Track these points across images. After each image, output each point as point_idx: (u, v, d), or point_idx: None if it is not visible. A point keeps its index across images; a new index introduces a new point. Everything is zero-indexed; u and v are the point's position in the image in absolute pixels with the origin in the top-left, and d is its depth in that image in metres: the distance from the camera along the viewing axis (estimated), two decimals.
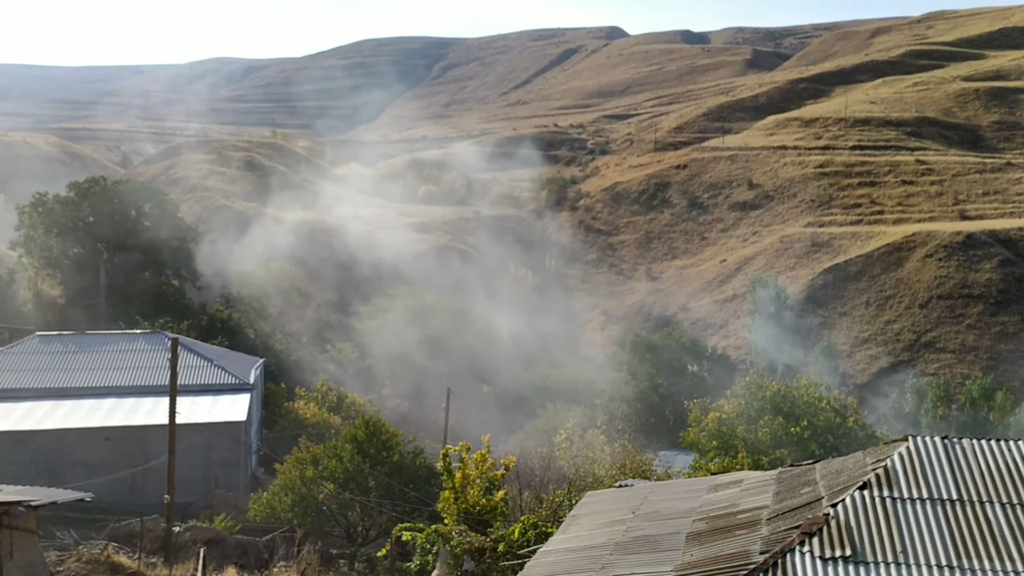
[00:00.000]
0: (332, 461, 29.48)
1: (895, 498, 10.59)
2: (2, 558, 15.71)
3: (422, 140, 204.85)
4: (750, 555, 9.88)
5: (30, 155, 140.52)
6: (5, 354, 40.60)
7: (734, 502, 12.46)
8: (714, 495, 13.33)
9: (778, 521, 10.86)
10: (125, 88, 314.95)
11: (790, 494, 11.92)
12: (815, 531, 9.87)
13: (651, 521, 12.43)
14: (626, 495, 15.21)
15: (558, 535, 13.44)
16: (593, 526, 13.09)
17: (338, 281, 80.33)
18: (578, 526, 13.45)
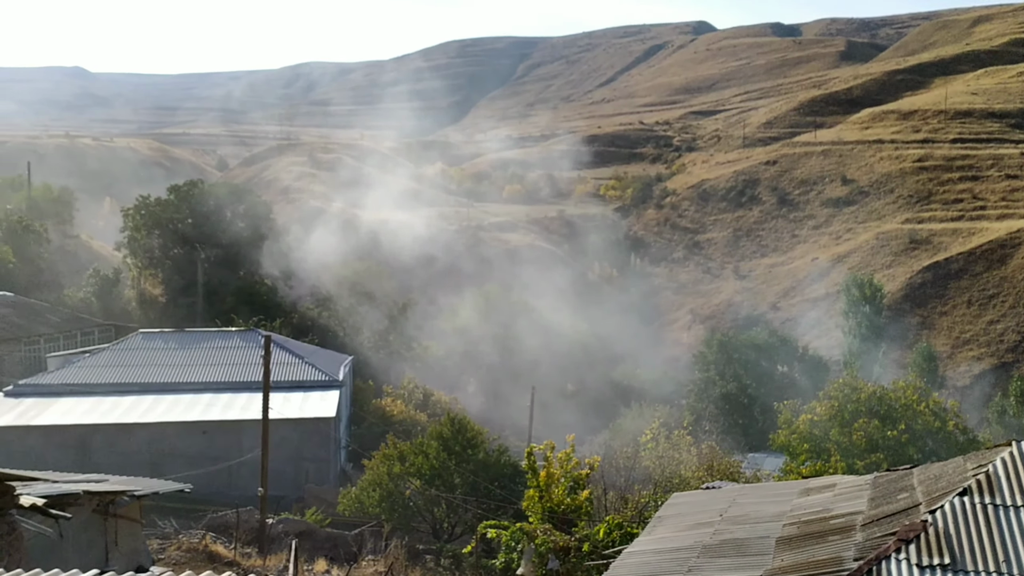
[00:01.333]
0: (418, 458, 29.88)
1: (997, 505, 10.12)
2: (108, 545, 16.38)
3: (506, 139, 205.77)
4: (843, 561, 9.59)
5: (133, 160, 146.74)
6: (111, 350, 42.49)
7: (827, 507, 12.12)
8: (806, 499, 12.99)
9: (873, 527, 10.51)
10: (221, 94, 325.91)
11: (886, 500, 11.52)
12: (912, 538, 9.52)
13: (740, 524, 12.19)
14: (713, 497, 14.95)
15: (644, 536, 13.30)
16: (679, 528, 12.91)
17: (423, 280, 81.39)
18: (664, 527, 13.28)
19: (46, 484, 12.60)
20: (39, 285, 61.44)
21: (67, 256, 69.94)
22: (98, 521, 15.96)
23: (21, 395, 36.66)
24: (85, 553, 14.94)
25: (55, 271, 65.49)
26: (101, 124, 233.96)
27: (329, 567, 24.25)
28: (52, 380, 38.51)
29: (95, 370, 39.39)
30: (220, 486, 32.36)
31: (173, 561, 22.12)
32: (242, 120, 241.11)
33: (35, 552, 11.38)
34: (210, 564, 21.93)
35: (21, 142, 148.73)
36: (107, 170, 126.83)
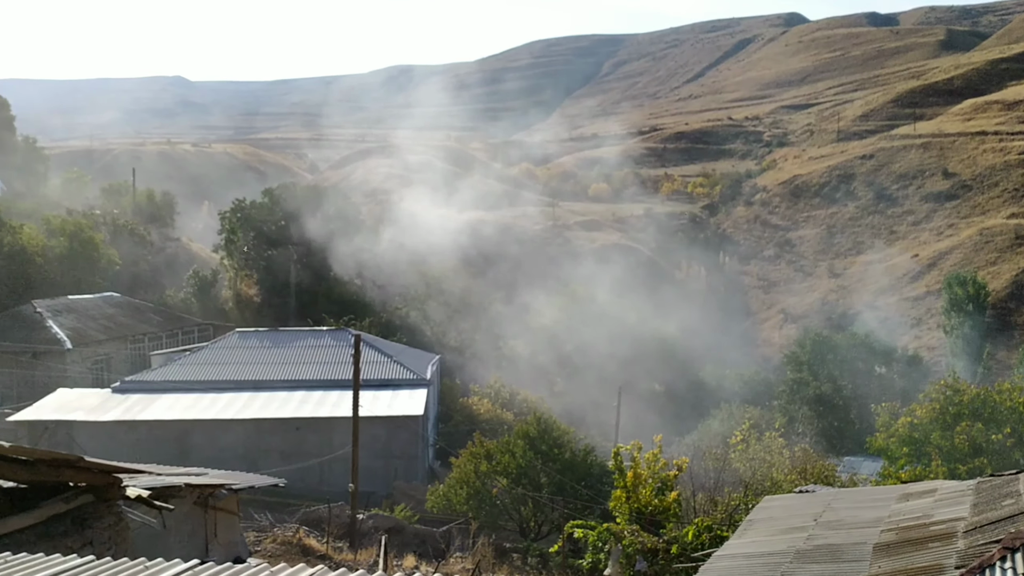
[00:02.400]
0: (505, 456, 30.00)
1: None
2: (208, 536, 16.94)
3: (592, 138, 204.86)
4: (944, 569, 9.20)
5: (230, 164, 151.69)
6: (210, 349, 44.04)
7: (927, 512, 11.65)
8: (904, 504, 12.52)
9: (976, 534, 10.05)
10: (313, 98, 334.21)
11: (990, 506, 11.00)
12: (1018, 546, 9.06)
13: (835, 530, 11.83)
14: (807, 501, 14.56)
15: (734, 539, 13.04)
16: (771, 532, 12.61)
17: (509, 279, 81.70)
18: (755, 531, 13.00)
19: (150, 476, 13.11)
20: (143, 286, 64.17)
21: (168, 258, 72.83)
22: (198, 513, 16.54)
23: (127, 391, 38.34)
24: (186, 543, 15.50)
25: (157, 273, 68.30)
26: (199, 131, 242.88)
27: (418, 563, 24.56)
28: (155, 377, 40.14)
29: (195, 368, 40.89)
30: (312, 481, 33.14)
31: (268, 553, 22.75)
32: (333, 124, 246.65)
33: (140, 541, 11.86)
34: (303, 557, 22.48)
35: (126, 149, 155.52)
36: (205, 175, 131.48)
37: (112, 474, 10.24)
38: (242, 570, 6.69)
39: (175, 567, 6.74)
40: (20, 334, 45.87)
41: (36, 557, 7.09)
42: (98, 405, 36.42)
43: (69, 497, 9.76)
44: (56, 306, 49.52)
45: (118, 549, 9.88)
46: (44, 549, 7.91)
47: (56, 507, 9.56)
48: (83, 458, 9.85)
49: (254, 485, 19.77)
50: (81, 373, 44.87)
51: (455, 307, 66.66)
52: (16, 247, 57.32)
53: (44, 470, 9.46)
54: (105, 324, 50.36)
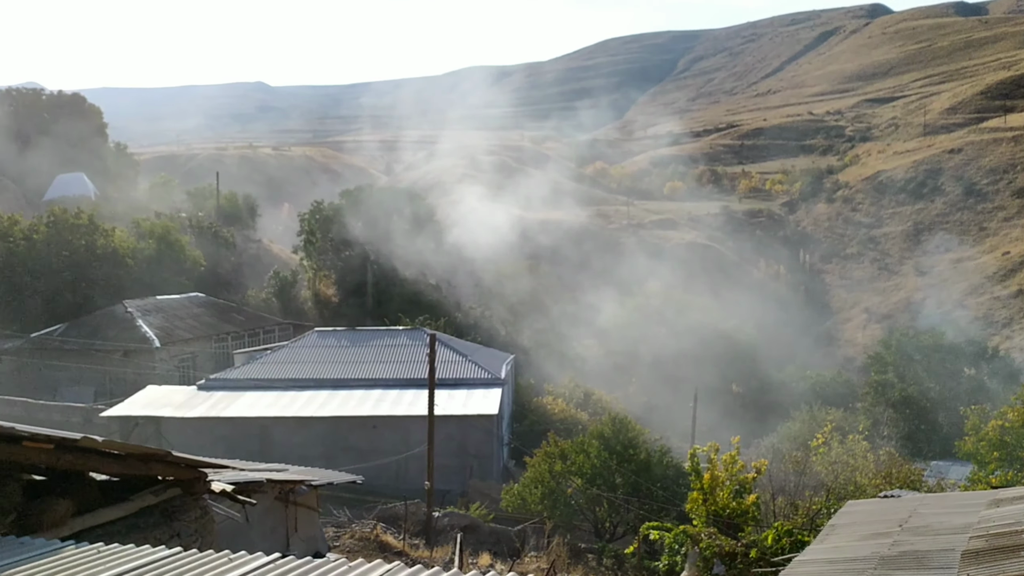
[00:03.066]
0: (579, 456, 29.89)
1: None
2: (288, 531, 17.32)
3: (668, 136, 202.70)
4: None
5: (309, 167, 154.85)
6: (290, 348, 45.04)
7: (1019, 519, 11.17)
8: (995, 511, 12.03)
9: None
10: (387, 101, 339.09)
11: None
12: None
13: (921, 536, 11.44)
14: (892, 506, 14.12)
15: (815, 544, 12.73)
16: (855, 537, 12.27)
17: (583, 279, 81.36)
18: (837, 536, 12.66)
19: (234, 472, 13.47)
20: (226, 286, 66.00)
21: (250, 259, 74.73)
22: (279, 508, 16.92)
23: (212, 388, 39.49)
24: (268, 537, 15.88)
25: (240, 273, 70.14)
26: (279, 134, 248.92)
27: (493, 561, 24.66)
28: (238, 375, 41.23)
29: (275, 366, 41.87)
30: (389, 479, 33.57)
31: (347, 549, 23.14)
32: (408, 125, 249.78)
33: (224, 534, 12.20)
34: (380, 553, 22.80)
35: (210, 154, 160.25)
36: (285, 178, 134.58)
37: (198, 469, 10.56)
38: (321, 564, 6.81)
39: (257, 560, 6.90)
40: (112, 333, 47.70)
41: (127, 547, 7.35)
42: (184, 402, 37.62)
43: (158, 490, 10.09)
44: (145, 306, 51.34)
45: (204, 541, 10.17)
46: (135, 540, 8.20)
47: (146, 500, 9.90)
48: (171, 453, 10.17)
49: (333, 482, 20.10)
50: (168, 371, 46.41)
51: (528, 307, 66.75)
52: (108, 249, 59.64)
53: (134, 464, 9.80)
54: (191, 323, 51.98)
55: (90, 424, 36.32)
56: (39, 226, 59.89)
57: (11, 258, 56.83)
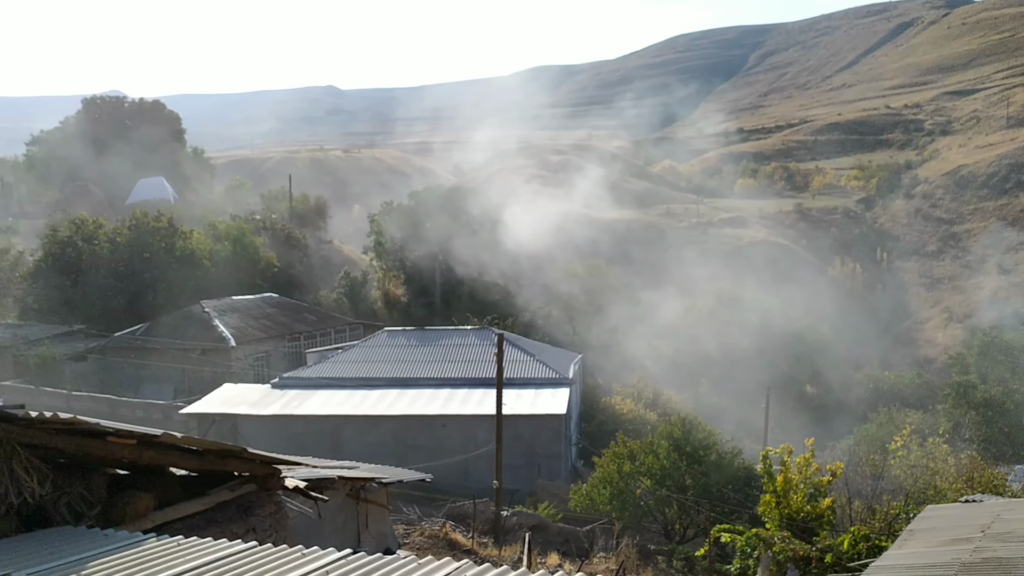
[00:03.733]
0: (648, 457, 29.61)
1: None
2: (360, 527, 17.56)
3: (738, 132, 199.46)
4: None
5: (378, 169, 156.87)
6: (360, 347, 45.71)
7: None
8: None
9: None
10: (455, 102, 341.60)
11: None
12: None
13: (1004, 542, 11.01)
14: (974, 511, 13.62)
15: (893, 550, 12.37)
16: (934, 543, 11.88)
17: (652, 277, 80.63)
18: (916, 542, 12.28)
19: (306, 468, 13.72)
20: (299, 287, 67.34)
21: (322, 260, 76.09)
22: (351, 505, 17.17)
23: (285, 387, 40.33)
24: (340, 533, 16.13)
25: (312, 274, 71.48)
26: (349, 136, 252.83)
27: (561, 561, 24.61)
28: (310, 374, 42.02)
29: (346, 365, 42.54)
30: (457, 477, 33.79)
31: (416, 546, 23.37)
32: (475, 126, 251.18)
33: (297, 530, 12.43)
34: (450, 551, 22.96)
35: (282, 157, 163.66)
36: (355, 179, 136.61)
37: (272, 465, 10.77)
38: (392, 561, 6.88)
39: (330, 555, 7.01)
40: (190, 332, 49.11)
41: (206, 541, 7.55)
42: (259, 400, 38.49)
43: (234, 486, 10.34)
44: (221, 306, 52.71)
45: (278, 536, 10.38)
46: (212, 534, 8.41)
47: (222, 495, 10.15)
48: (246, 449, 10.40)
49: (402, 479, 20.30)
50: (243, 369, 47.56)
51: (594, 306, 66.45)
52: (187, 251, 61.45)
53: (212, 460, 10.06)
54: (265, 323, 53.17)
55: (170, 421, 37.45)
56: (122, 229, 62.05)
57: (96, 260, 59.01)
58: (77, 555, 7.15)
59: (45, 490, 8.48)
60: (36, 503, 8.44)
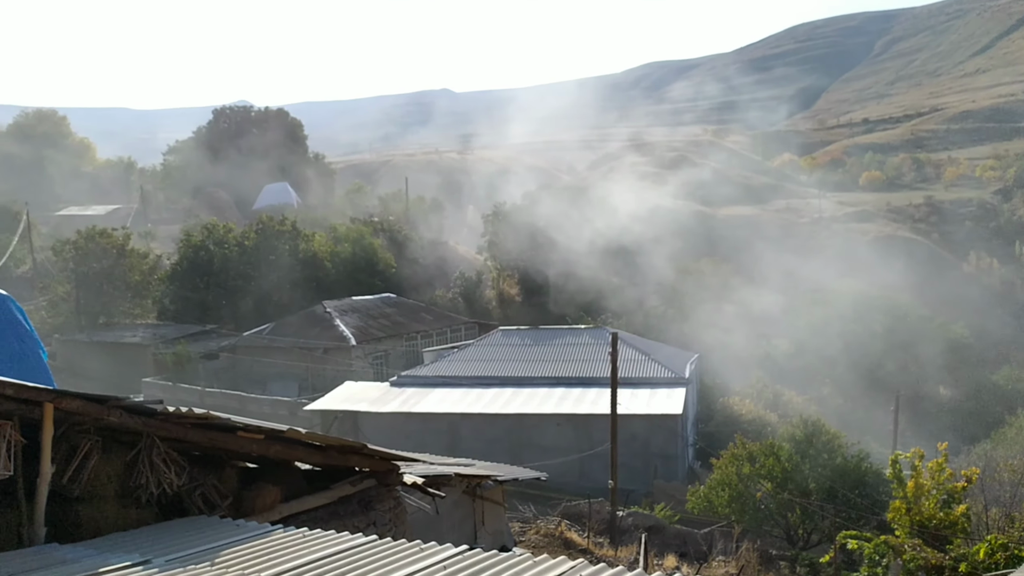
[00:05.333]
0: (769, 459, 28.82)
1: None
2: (476, 524, 17.79)
3: (863, 123, 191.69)
4: None
5: (492, 169, 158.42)
6: (476, 346, 46.28)
7: None
8: None
9: None
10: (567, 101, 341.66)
11: None
12: None
13: None
14: None
15: None
16: None
17: (769, 275, 78.41)
18: None
19: (424, 465, 14.00)
20: (415, 287, 68.77)
21: (438, 260, 77.39)
22: (467, 502, 17.41)
23: (403, 385, 41.27)
24: (457, 530, 16.39)
25: (428, 274, 72.85)
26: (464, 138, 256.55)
27: (679, 564, 24.26)
28: (427, 372, 42.85)
29: (462, 364, 43.15)
30: (572, 476, 33.78)
31: (532, 544, 23.49)
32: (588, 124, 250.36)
33: (416, 525, 12.69)
34: (565, 550, 22.98)
35: (399, 160, 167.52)
36: (470, 180, 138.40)
37: (391, 461, 11.03)
38: (507, 558, 6.92)
39: (447, 550, 7.11)
40: (313, 331, 50.89)
41: (329, 533, 7.80)
42: (378, 397, 39.51)
43: (355, 481, 10.64)
44: (342, 306, 54.39)
45: (397, 530, 10.63)
46: (335, 527, 8.68)
47: (344, 489, 10.46)
48: (366, 446, 10.68)
49: (518, 477, 20.44)
50: (363, 368, 48.93)
51: (712, 304, 65.10)
52: (309, 253, 63.74)
53: (334, 455, 10.39)
54: (383, 323, 54.54)
55: (295, 417, 38.93)
56: (249, 233, 64.92)
57: (226, 263, 61.94)
58: (212, 543, 7.51)
59: (182, 481, 8.95)
60: (174, 493, 8.91)
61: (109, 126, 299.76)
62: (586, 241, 67.59)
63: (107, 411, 8.08)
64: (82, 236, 61.10)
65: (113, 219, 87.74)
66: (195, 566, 6.82)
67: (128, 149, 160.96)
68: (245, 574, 6.62)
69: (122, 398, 8.30)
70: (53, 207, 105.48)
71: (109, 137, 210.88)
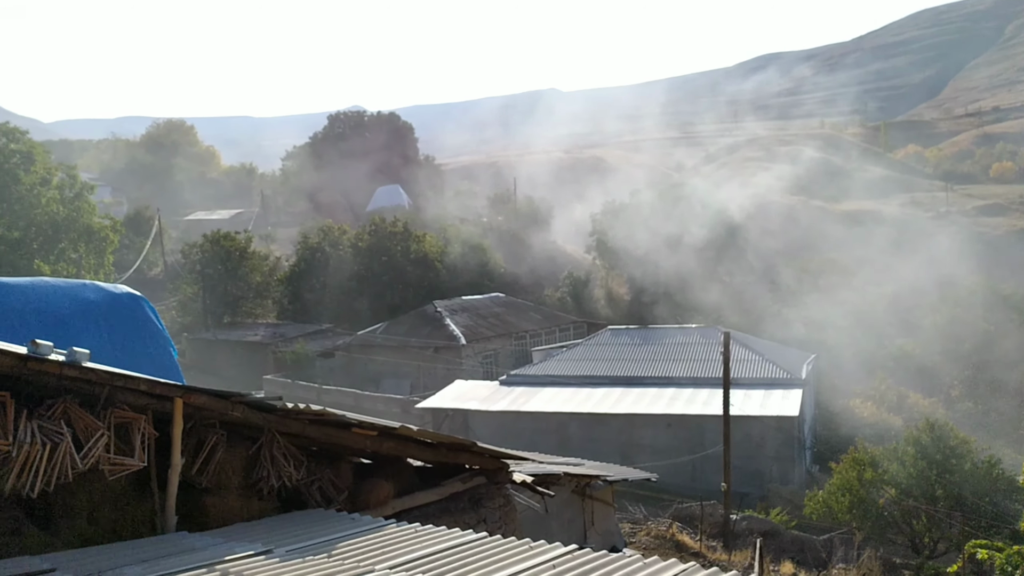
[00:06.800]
0: (892, 465, 27.66)
1: None
2: (585, 524, 17.74)
3: (993, 112, 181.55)
4: None
5: (600, 168, 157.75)
6: (584, 345, 46.14)
7: None
8: None
9: None
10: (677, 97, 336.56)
11: None
12: None
13: None
14: None
15: None
16: None
17: (891, 272, 75.15)
18: None
19: (533, 464, 14.05)
20: (524, 286, 69.14)
21: (546, 260, 77.55)
22: (576, 501, 17.37)
23: (512, 384, 41.53)
24: (566, 529, 16.37)
25: (536, 274, 73.10)
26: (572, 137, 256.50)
27: (796, 570, 23.57)
28: (536, 371, 43.00)
29: (571, 363, 43.10)
30: (684, 478, 33.28)
31: (642, 546, 23.27)
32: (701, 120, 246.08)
33: (525, 523, 12.74)
34: (676, 552, 22.66)
35: (509, 160, 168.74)
36: (577, 180, 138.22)
37: (501, 459, 11.11)
38: (618, 559, 6.86)
39: (556, 549, 7.11)
40: (424, 331, 51.84)
41: (440, 529, 7.91)
42: (488, 396, 39.91)
43: (465, 478, 10.77)
44: (452, 306, 55.21)
45: (507, 528, 10.69)
46: (446, 523, 8.81)
47: (455, 486, 10.61)
48: (476, 443, 10.79)
49: (628, 478, 20.27)
50: (473, 366, 49.52)
51: (829, 303, 62.88)
52: (420, 254, 64.98)
53: (445, 452, 10.54)
54: (493, 322, 55.05)
55: (407, 414, 39.75)
56: (363, 235, 66.73)
57: (341, 264, 63.85)
58: (329, 535, 7.74)
59: (300, 475, 9.26)
60: (293, 487, 9.23)
61: (231, 134, 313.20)
62: (696, 239, 66.42)
63: (231, 406, 8.43)
64: (207, 240, 64.09)
65: (236, 223, 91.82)
66: (313, 557, 7.04)
67: (248, 155, 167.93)
68: (361, 566, 6.79)
69: (244, 394, 8.66)
70: (182, 212, 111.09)
71: (231, 144, 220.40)
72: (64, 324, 11.38)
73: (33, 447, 7.22)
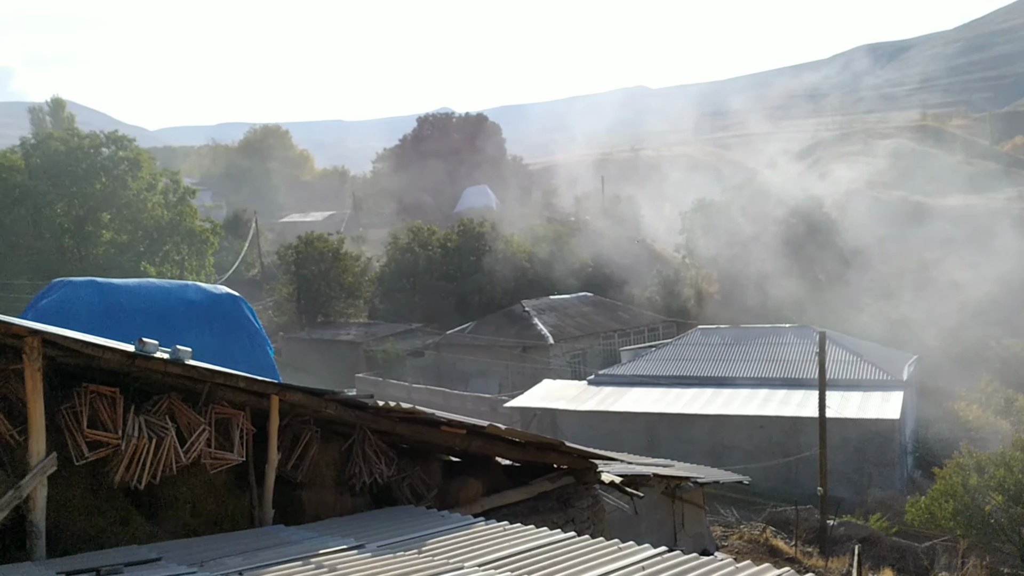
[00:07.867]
0: (1000, 470, 26.40)
1: None
2: (675, 526, 17.52)
3: None
4: None
5: (690, 165, 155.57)
6: (674, 345, 45.54)
7: None
8: None
9: None
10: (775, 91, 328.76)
11: None
12: None
13: None
14: None
15: None
16: None
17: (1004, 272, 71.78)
18: None
19: (622, 464, 13.96)
20: (611, 286, 68.70)
21: (634, 258, 76.85)
22: (666, 503, 17.17)
23: (601, 383, 41.33)
24: (656, 531, 16.19)
25: (625, 273, 72.53)
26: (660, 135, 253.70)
27: None
28: (625, 371, 42.67)
29: (660, 363, 42.60)
30: (778, 481, 32.51)
31: (734, 549, 22.83)
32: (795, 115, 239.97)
33: (614, 524, 12.66)
34: (770, 557, 22.15)
35: (595, 159, 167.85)
36: (666, 177, 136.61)
37: (589, 459, 11.07)
38: (709, 562, 6.75)
39: (646, 551, 7.04)
40: (512, 330, 52.07)
41: (529, 528, 7.93)
42: (576, 395, 39.81)
43: (553, 477, 10.77)
44: (540, 305, 55.28)
45: (595, 528, 10.64)
46: (534, 522, 8.82)
47: (543, 485, 10.62)
48: (564, 443, 10.78)
49: (719, 480, 19.96)
50: (561, 366, 49.48)
51: (932, 303, 60.47)
52: (508, 254, 65.31)
53: (533, 452, 10.56)
54: (580, 321, 54.90)
55: (495, 413, 39.97)
56: (451, 235, 67.47)
57: (431, 265, 64.71)
58: (419, 531, 7.85)
59: (391, 472, 9.42)
60: (384, 483, 9.40)
61: (323, 137, 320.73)
62: (788, 236, 64.78)
63: (324, 404, 8.65)
64: (302, 241, 65.86)
65: (328, 225, 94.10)
66: (404, 553, 7.15)
67: (340, 159, 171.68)
68: (450, 563, 6.86)
69: (337, 392, 8.86)
70: (277, 215, 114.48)
71: (323, 148, 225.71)
72: (168, 323, 11.87)
73: (140, 441, 7.55)
